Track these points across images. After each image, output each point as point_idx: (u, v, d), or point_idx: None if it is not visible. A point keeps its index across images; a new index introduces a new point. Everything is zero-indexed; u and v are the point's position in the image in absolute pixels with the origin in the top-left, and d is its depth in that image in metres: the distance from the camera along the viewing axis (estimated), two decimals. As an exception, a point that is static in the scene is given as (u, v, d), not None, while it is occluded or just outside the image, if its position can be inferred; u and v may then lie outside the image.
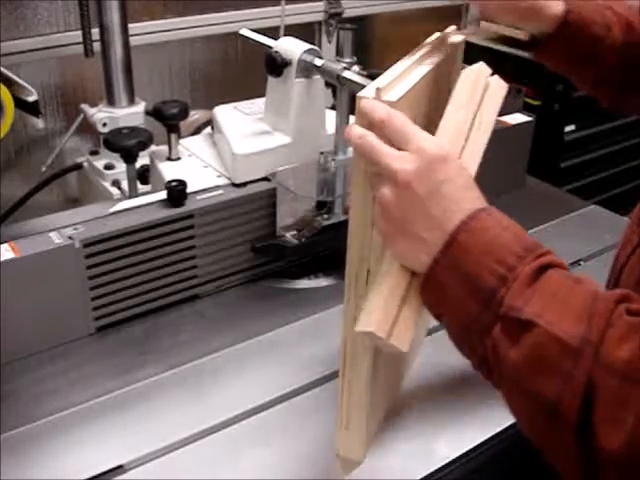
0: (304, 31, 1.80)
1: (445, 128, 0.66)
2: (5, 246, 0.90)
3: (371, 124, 0.58)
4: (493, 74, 0.76)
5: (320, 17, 1.90)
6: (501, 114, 1.42)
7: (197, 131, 1.37)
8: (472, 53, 0.98)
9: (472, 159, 0.66)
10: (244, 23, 1.66)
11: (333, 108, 1.08)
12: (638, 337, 0.48)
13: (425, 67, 0.69)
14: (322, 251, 1.12)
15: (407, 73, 0.66)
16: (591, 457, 0.49)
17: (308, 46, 1.07)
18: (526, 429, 0.55)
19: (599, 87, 0.86)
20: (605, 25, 0.80)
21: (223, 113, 1.18)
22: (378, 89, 0.59)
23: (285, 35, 1.15)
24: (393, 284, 0.59)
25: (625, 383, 0.47)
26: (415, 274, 0.59)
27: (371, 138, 0.58)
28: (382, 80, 0.61)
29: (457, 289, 0.55)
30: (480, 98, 0.71)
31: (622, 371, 0.47)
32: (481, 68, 0.75)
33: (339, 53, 1.07)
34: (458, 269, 0.55)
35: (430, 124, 0.75)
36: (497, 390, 0.56)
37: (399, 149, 0.58)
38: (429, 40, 0.77)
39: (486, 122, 0.69)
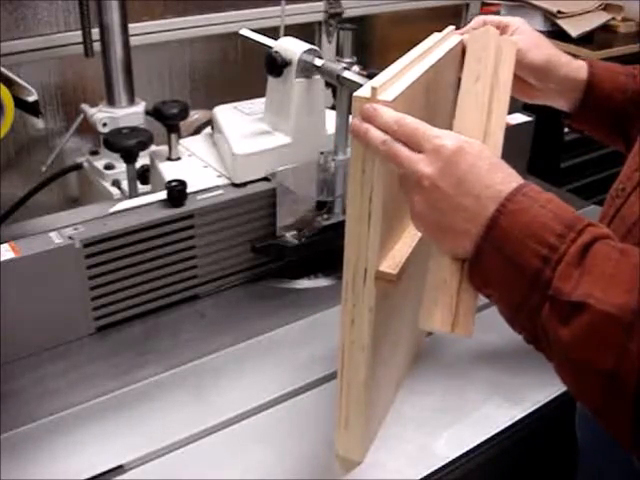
0: (304, 31, 1.80)
1: (463, 107, 0.66)
2: (5, 246, 0.90)
3: (383, 127, 0.59)
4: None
5: (320, 17, 1.90)
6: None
7: (197, 131, 1.37)
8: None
9: (498, 129, 0.66)
10: (244, 23, 1.65)
11: (333, 108, 1.08)
12: None
13: (423, 67, 0.69)
14: (322, 251, 1.12)
15: (404, 73, 0.66)
16: None
17: (308, 46, 1.07)
18: (581, 398, 0.56)
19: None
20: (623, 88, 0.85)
21: (223, 113, 1.19)
22: (374, 88, 0.59)
23: (285, 35, 1.15)
24: (446, 276, 0.61)
25: None
26: (466, 261, 0.60)
27: (392, 144, 0.59)
28: (378, 79, 0.61)
29: (502, 273, 0.56)
30: (493, 64, 0.70)
31: None
32: (489, 31, 0.75)
33: (339, 53, 1.07)
34: (501, 253, 0.55)
35: (431, 123, 0.75)
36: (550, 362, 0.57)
37: (417, 151, 0.59)
38: (427, 40, 0.77)
39: (504, 87, 0.69)
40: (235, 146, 1.08)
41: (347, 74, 1.01)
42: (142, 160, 1.19)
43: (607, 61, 2.08)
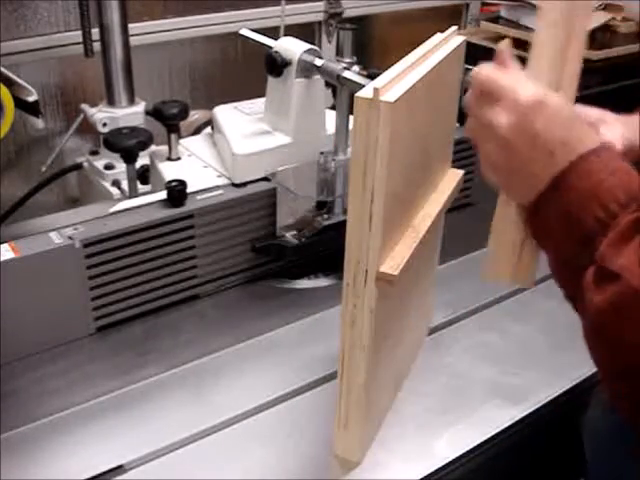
0: (304, 31, 1.80)
1: (539, 56, 0.65)
2: (5, 246, 0.90)
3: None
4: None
5: (320, 17, 1.90)
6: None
7: (197, 131, 1.37)
8: (473, 53, 0.98)
9: (572, 80, 0.65)
10: (244, 23, 1.65)
11: (333, 108, 1.08)
12: None
13: (425, 67, 0.69)
14: (322, 251, 1.12)
15: (406, 73, 0.66)
16: None
17: (308, 46, 1.07)
18: (604, 370, 0.57)
19: None
20: None
21: (223, 113, 1.19)
22: (376, 89, 0.59)
23: (285, 35, 1.15)
24: (509, 228, 0.64)
25: None
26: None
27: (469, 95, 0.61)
28: (380, 80, 0.62)
29: (560, 227, 0.57)
30: (570, 9, 0.68)
31: None
32: None
33: (339, 53, 1.07)
34: (563, 208, 0.57)
35: (431, 124, 0.76)
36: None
37: (495, 101, 0.59)
38: (430, 41, 0.77)
39: (579, 39, 0.68)
40: (235, 146, 1.08)
41: (347, 74, 1.01)
42: (142, 160, 1.19)
43: (607, 61, 2.06)
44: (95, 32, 1.37)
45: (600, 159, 0.56)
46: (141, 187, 1.21)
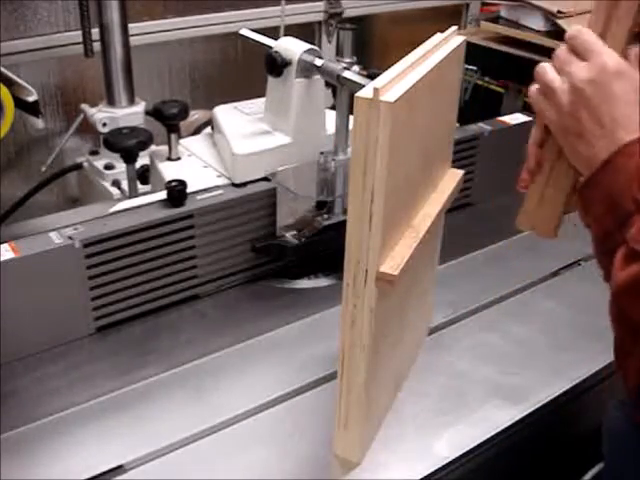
0: (304, 31, 1.80)
1: (615, 37, 0.66)
2: (5, 246, 0.90)
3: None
4: (494, 74, 0.76)
5: (320, 17, 1.90)
6: (501, 114, 1.42)
7: (197, 131, 1.37)
8: (473, 53, 0.98)
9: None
10: (244, 23, 1.66)
11: (333, 108, 1.08)
12: None
13: (425, 67, 0.69)
14: (322, 251, 1.12)
15: (406, 73, 0.66)
16: None
17: (308, 46, 1.07)
18: (615, 341, 0.59)
19: None
20: None
21: (223, 113, 1.19)
22: (376, 89, 0.59)
23: (285, 35, 1.15)
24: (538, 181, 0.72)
25: None
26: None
27: (562, 51, 0.65)
28: (380, 80, 0.62)
29: (602, 204, 0.59)
30: None
31: None
32: None
33: (339, 53, 1.07)
34: (608, 186, 0.59)
35: (431, 124, 0.76)
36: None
37: (582, 59, 0.62)
38: (430, 41, 0.77)
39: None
40: (235, 146, 1.08)
41: (347, 74, 1.01)
42: (142, 160, 1.19)
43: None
44: (95, 32, 1.37)
45: None
46: (141, 187, 1.21)
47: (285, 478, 0.77)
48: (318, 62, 1.06)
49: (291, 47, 1.07)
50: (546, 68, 0.66)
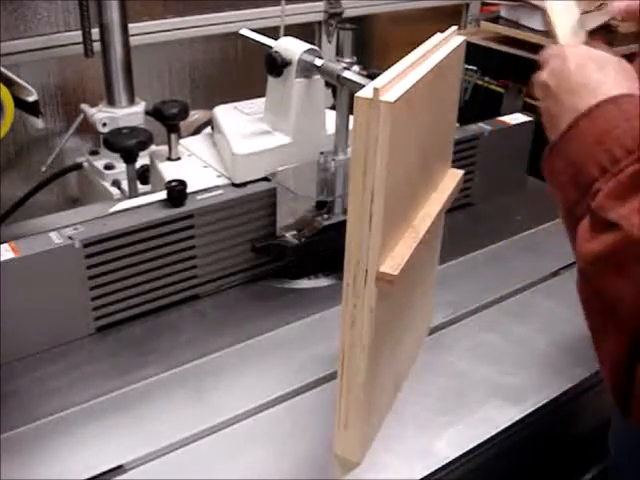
0: (304, 31, 1.80)
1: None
2: (5, 246, 0.90)
3: None
4: (494, 74, 0.77)
5: (320, 17, 1.90)
6: (501, 114, 1.42)
7: (197, 131, 1.37)
8: (473, 53, 0.98)
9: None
10: (244, 23, 1.66)
11: (333, 108, 1.08)
12: None
13: (425, 68, 0.69)
14: (322, 251, 1.12)
15: (406, 73, 0.66)
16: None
17: (308, 46, 1.07)
18: (588, 324, 0.55)
19: None
20: None
21: (223, 113, 1.18)
22: (376, 89, 0.59)
23: (285, 35, 1.15)
24: None
25: None
26: None
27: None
28: (380, 80, 0.61)
29: (566, 172, 0.56)
30: None
31: None
32: None
33: (339, 53, 1.07)
34: (571, 153, 0.56)
35: (431, 124, 0.76)
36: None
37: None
38: (430, 41, 0.77)
39: None
40: (235, 146, 1.08)
41: (347, 74, 1.01)
42: (142, 160, 1.19)
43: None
44: (95, 32, 1.37)
45: (618, 106, 0.55)
46: (141, 187, 1.21)
47: (285, 478, 0.77)
48: (318, 62, 1.06)
49: (291, 47, 1.07)
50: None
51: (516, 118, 1.39)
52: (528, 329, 1.01)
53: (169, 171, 1.12)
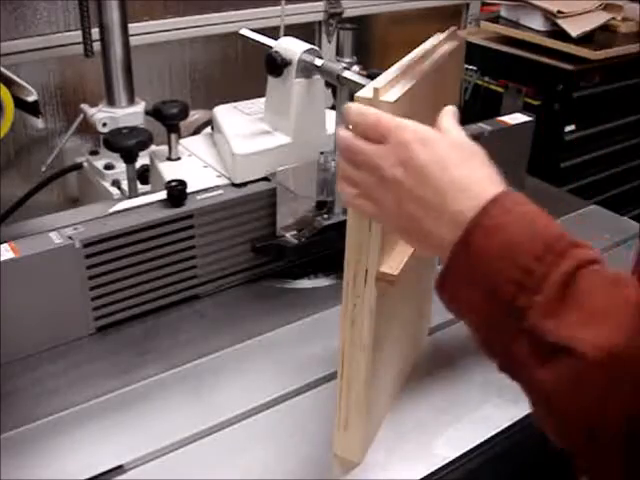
0: (304, 31, 1.80)
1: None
2: (5, 246, 0.90)
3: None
4: (494, 74, 0.76)
5: (320, 17, 1.90)
6: (501, 114, 1.42)
7: (197, 131, 1.37)
8: (473, 53, 0.98)
9: None
10: (244, 23, 1.66)
11: (333, 108, 1.08)
12: None
13: (425, 67, 0.69)
14: (322, 251, 1.12)
15: (406, 73, 0.66)
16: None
17: (308, 46, 1.07)
18: (562, 444, 0.49)
19: None
20: None
21: (223, 113, 1.18)
22: (376, 89, 0.59)
23: (285, 35, 1.15)
24: None
25: None
26: None
27: (352, 140, 0.57)
28: (380, 80, 0.61)
29: (475, 295, 0.50)
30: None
31: None
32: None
33: (339, 53, 1.07)
34: (474, 273, 0.50)
35: (431, 124, 0.75)
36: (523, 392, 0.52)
37: (378, 143, 0.55)
38: (430, 41, 0.77)
39: None
40: (235, 146, 1.08)
41: (347, 74, 1.01)
42: (142, 160, 1.19)
43: (607, 61, 2.06)
44: (95, 32, 1.37)
45: (504, 209, 0.49)
46: (141, 187, 1.21)
47: (285, 478, 0.77)
48: (318, 62, 1.06)
49: (291, 47, 1.07)
50: (344, 165, 0.58)
51: (516, 118, 1.39)
52: (528, 329, 1.01)
53: (169, 171, 1.12)
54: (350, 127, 0.57)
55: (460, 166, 0.53)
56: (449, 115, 0.59)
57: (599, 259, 0.49)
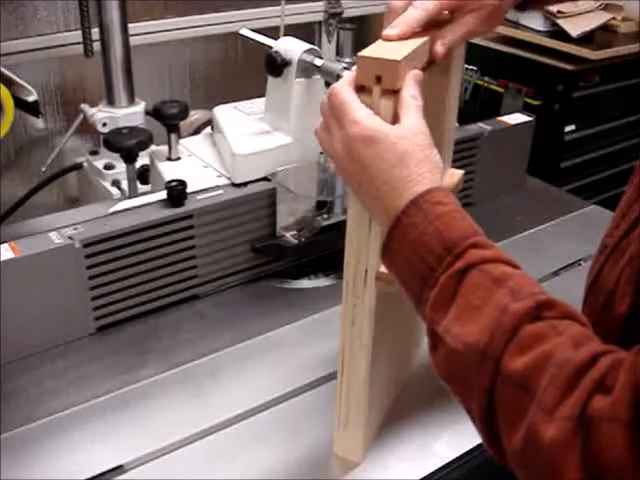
0: (304, 31, 1.80)
1: None
2: (5, 246, 0.90)
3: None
4: (494, 74, 0.75)
5: (320, 17, 1.90)
6: (501, 114, 1.42)
7: (197, 131, 1.37)
8: (473, 53, 0.98)
9: None
10: (244, 23, 1.66)
11: (333, 108, 1.08)
12: (535, 349, 0.47)
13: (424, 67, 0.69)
14: (322, 251, 1.12)
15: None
16: (501, 454, 0.50)
17: (308, 46, 1.07)
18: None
19: None
20: None
21: (223, 113, 1.18)
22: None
23: (285, 35, 1.15)
24: None
25: (519, 392, 0.47)
26: None
27: (324, 104, 0.61)
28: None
29: (398, 276, 0.57)
30: None
31: (517, 381, 0.47)
32: None
33: (339, 53, 1.07)
34: (395, 263, 0.56)
35: (431, 124, 0.75)
36: None
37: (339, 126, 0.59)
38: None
39: None
40: (235, 146, 1.08)
41: (347, 74, 1.01)
42: (142, 160, 1.19)
43: (607, 61, 2.06)
44: (95, 32, 1.37)
45: (421, 209, 0.54)
46: (141, 187, 1.21)
47: (285, 478, 0.77)
48: (318, 62, 1.06)
49: (291, 47, 1.07)
50: (319, 132, 0.62)
51: (516, 118, 1.39)
52: (528, 329, 1.01)
53: (169, 171, 1.12)
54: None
55: (396, 166, 0.56)
56: (408, 90, 0.60)
57: (498, 257, 0.53)
